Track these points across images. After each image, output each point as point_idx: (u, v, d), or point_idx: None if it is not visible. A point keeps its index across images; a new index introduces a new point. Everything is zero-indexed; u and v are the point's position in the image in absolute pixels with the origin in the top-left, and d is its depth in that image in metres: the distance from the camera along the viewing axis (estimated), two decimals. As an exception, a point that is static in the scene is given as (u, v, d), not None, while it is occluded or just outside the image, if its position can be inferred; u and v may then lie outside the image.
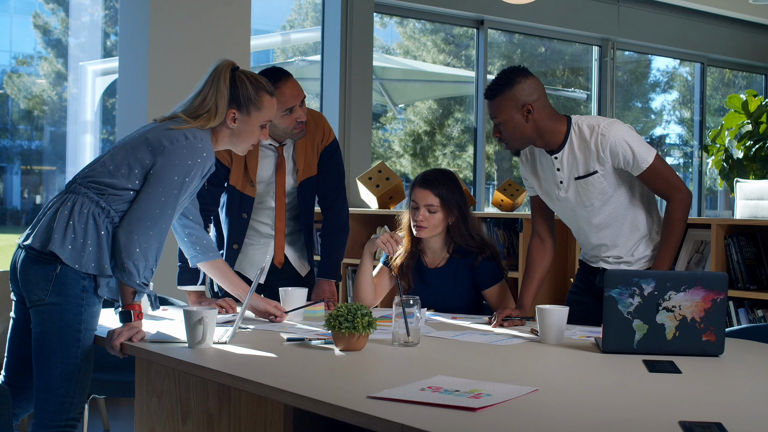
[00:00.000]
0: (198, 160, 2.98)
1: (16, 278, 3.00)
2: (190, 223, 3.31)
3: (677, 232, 3.37)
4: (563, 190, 3.46)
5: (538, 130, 3.37)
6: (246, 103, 3.11)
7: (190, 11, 5.72)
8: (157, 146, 2.97)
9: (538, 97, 3.34)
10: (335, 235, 3.91)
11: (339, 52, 7.16)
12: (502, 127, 3.38)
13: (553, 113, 3.39)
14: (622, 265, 3.49)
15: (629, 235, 3.46)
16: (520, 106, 3.32)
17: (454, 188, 3.72)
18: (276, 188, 3.80)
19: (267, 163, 3.79)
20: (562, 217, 3.60)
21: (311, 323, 3.38)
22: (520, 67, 3.40)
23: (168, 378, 2.94)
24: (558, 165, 3.43)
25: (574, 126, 3.39)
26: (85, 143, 7.22)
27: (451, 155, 9.41)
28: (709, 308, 2.74)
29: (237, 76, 3.12)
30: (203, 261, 3.34)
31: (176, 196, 2.96)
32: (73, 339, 2.92)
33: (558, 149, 3.41)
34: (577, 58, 9.96)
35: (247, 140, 3.17)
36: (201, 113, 3.06)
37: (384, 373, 2.57)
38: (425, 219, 3.70)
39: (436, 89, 9.75)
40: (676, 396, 2.26)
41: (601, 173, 3.36)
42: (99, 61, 7.33)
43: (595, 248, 3.55)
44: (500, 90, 3.34)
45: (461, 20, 8.31)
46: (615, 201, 3.42)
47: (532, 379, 2.45)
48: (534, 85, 3.35)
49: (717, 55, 9.98)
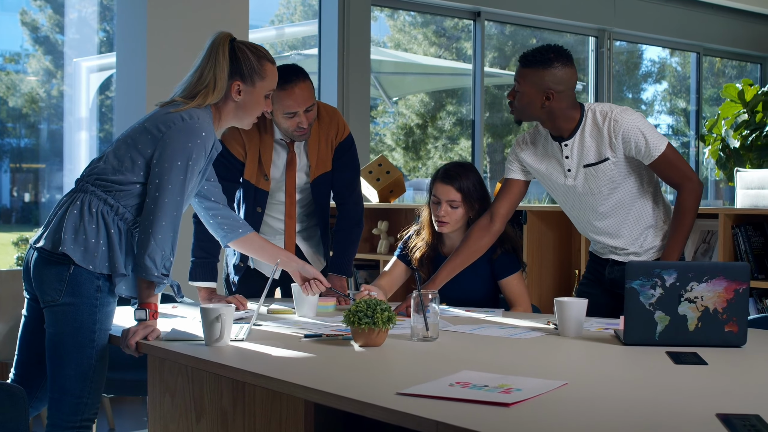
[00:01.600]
0: (197, 141, 2.91)
1: (29, 278, 2.96)
2: (213, 205, 3.25)
3: (688, 221, 3.34)
4: (570, 177, 3.42)
5: (550, 115, 3.35)
6: (250, 73, 3.04)
7: (188, 5, 5.67)
8: (156, 133, 2.92)
9: (564, 89, 3.31)
10: (349, 231, 3.87)
11: (336, 45, 7.12)
12: (518, 94, 3.37)
13: (573, 103, 3.37)
14: (631, 256, 3.47)
15: (633, 225, 3.44)
16: (542, 89, 3.30)
17: (475, 181, 3.70)
18: (286, 183, 3.76)
19: (279, 158, 3.76)
20: (564, 205, 3.57)
21: (324, 318, 3.35)
22: (565, 51, 3.35)
23: (181, 376, 2.90)
24: (567, 153, 3.40)
25: (587, 113, 3.37)
26: (81, 140, 7.17)
27: (443, 148, 9.39)
28: (731, 299, 2.72)
29: (237, 47, 3.04)
30: (234, 239, 3.30)
31: (182, 182, 2.90)
32: (87, 339, 2.87)
33: (568, 137, 3.38)
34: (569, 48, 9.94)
35: (252, 112, 3.09)
36: (199, 90, 2.99)
37: (407, 368, 2.54)
38: (447, 215, 3.68)
39: (431, 82, 9.73)
40: (706, 388, 2.23)
41: (612, 160, 3.33)
42: (94, 57, 7.28)
43: (599, 237, 3.52)
44: (534, 64, 3.31)
45: (458, 12, 8.28)
46: (623, 189, 3.39)
47: (558, 372, 2.42)
48: (567, 75, 3.32)
49: (713, 44, 9.98)
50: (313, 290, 3.38)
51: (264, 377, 2.36)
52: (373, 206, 6.17)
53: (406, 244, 3.86)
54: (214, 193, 3.26)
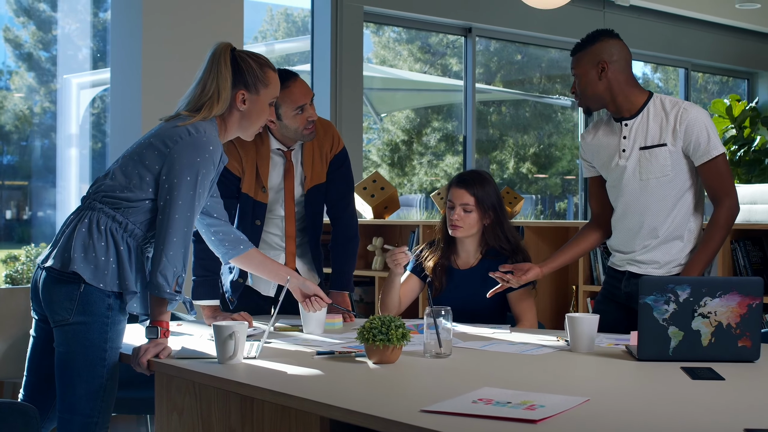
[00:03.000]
0: (206, 155, 2.90)
1: (38, 298, 2.94)
2: (215, 221, 3.23)
3: (718, 238, 3.35)
4: (624, 158, 3.45)
5: (612, 92, 3.42)
6: (254, 82, 3.03)
7: (182, 20, 5.67)
8: (163, 148, 2.90)
9: (618, 59, 3.41)
10: (345, 246, 3.86)
11: (329, 61, 7.13)
12: (577, 81, 3.46)
13: (631, 80, 3.45)
14: (651, 267, 3.45)
15: (668, 227, 3.41)
16: (596, 62, 3.40)
17: (489, 189, 3.73)
18: (285, 194, 3.75)
19: (275, 169, 3.75)
20: (613, 190, 3.56)
21: (332, 335, 3.34)
22: (609, 29, 3.49)
23: (189, 394, 2.88)
24: (626, 132, 3.44)
25: (655, 99, 3.44)
26: (71, 157, 7.14)
27: (428, 164, 9.40)
28: (744, 314, 2.72)
29: (238, 56, 3.04)
30: (235, 256, 3.27)
31: (192, 197, 2.88)
32: (98, 358, 2.85)
33: (630, 117, 3.43)
34: (554, 64, 9.99)
35: (257, 121, 3.08)
36: (203, 102, 2.98)
37: (426, 385, 2.53)
38: (461, 218, 3.69)
39: (419, 98, 9.74)
40: (729, 403, 2.24)
41: (669, 148, 3.35)
42: (84, 73, 7.25)
43: (630, 235, 3.49)
44: (582, 46, 3.46)
45: (449, 28, 8.32)
46: (672, 187, 3.38)
47: (576, 389, 2.41)
48: (617, 47, 3.43)
49: (701, 60, 10.05)
50: (314, 307, 3.37)
51: (284, 395, 2.35)
52: (368, 222, 6.17)
53: (419, 257, 3.86)
54: (216, 209, 3.24)
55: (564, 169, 10.03)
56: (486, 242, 3.74)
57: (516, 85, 9.81)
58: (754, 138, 8.91)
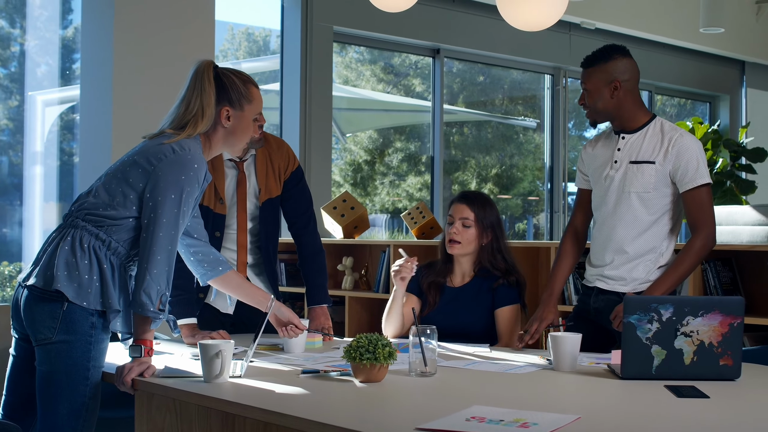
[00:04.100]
0: (190, 173, 2.89)
1: (19, 316, 2.90)
2: (194, 241, 3.20)
3: (687, 263, 3.40)
4: (614, 169, 3.52)
5: (620, 109, 3.50)
6: (238, 98, 3.02)
7: (154, 37, 5.66)
8: (147, 166, 2.89)
9: (629, 78, 3.49)
10: (314, 259, 3.90)
11: (299, 81, 7.14)
12: (587, 95, 3.53)
13: (639, 100, 3.54)
14: (618, 283, 3.50)
15: (638, 245, 3.47)
16: (609, 81, 3.47)
17: (490, 210, 3.79)
18: (238, 204, 3.76)
19: (230, 179, 3.76)
20: (597, 202, 3.62)
21: (313, 354, 3.34)
22: (621, 45, 3.55)
23: (169, 413, 2.85)
24: (621, 145, 3.52)
25: (656, 121, 3.52)
26: (35, 174, 7.08)
27: (390, 185, 9.41)
28: (726, 332, 2.76)
29: (221, 73, 3.03)
30: (213, 277, 3.25)
31: (176, 215, 2.87)
32: (81, 377, 2.83)
33: (629, 132, 3.51)
34: (516, 86, 10.06)
35: (243, 137, 3.07)
36: (187, 120, 2.97)
37: (416, 403, 2.53)
38: (459, 233, 3.74)
39: (386, 118, 9.77)
40: (717, 421, 2.27)
41: (657, 166, 3.42)
42: (50, 90, 7.20)
43: (603, 245, 3.56)
44: (597, 61, 3.50)
45: (418, 49, 8.37)
46: (650, 205, 3.45)
47: (565, 407, 2.43)
48: (629, 66, 3.50)
49: (665, 83, 10.18)
50: (289, 335, 3.37)
51: (276, 414, 2.34)
52: (338, 242, 6.17)
53: (418, 274, 3.86)
54: (196, 230, 3.22)
55: (525, 190, 10.09)
56: (480, 261, 3.77)
57: (478, 106, 9.87)
58: (717, 160, 9.02)
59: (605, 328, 3.54)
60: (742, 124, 10.49)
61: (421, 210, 6.06)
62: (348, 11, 7.52)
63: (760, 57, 10.67)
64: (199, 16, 5.85)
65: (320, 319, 3.77)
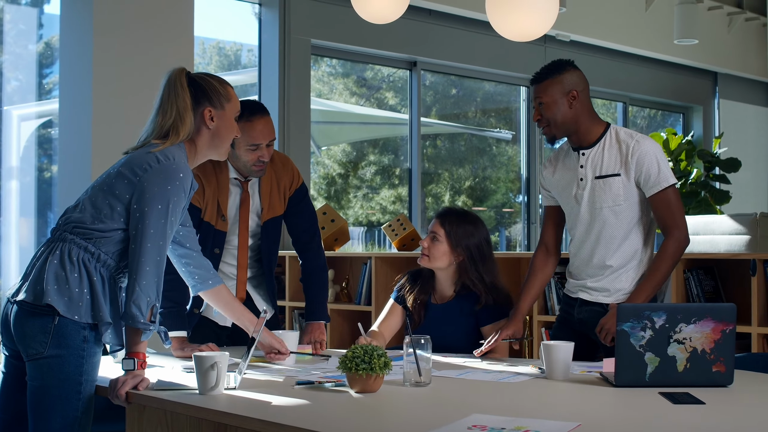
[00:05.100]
0: (176, 182, 2.86)
1: (9, 333, 2.87)
2: (187, 252, 3.18)
3: (664, 268, 3.42)
4: (581, 188, 3.52)
5: (578, 121, 3.49)
6: (217, 97, 3.00)
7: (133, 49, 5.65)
8: (132, 177, 2.87)
9: (583, 89, 3.49)
10: (317, 276, 3.89)
11: (277, 94, 7.14)
12: (544, 109, 3.49)
13: (592, 112, 3.54)
14: (601, 295, 3.52)
15: (618, 257, 3.49)
16: (566, 91, 3.46)
17: (468, 229, 3.72)
18: (239, 223, 3.75)
19: (233, 197, 3.75)
20: (570, 219, 3.63)
21: (304, 366, 3.33)
22: (570, 60, 3.56)
23: (161, 426, 2.83)
24: (582, 162, 3.51)
25: (612, 130, 3.51)
26: (11, 189, 7.03)
27: (363, 198, 9.42)
28: (718, 339, 2.78)
29: (196, 77, 3.02)
30: (203, 290, 3.23)
31: (164, 225, 2.84)
32: (73, 391, 2.80)
33: (588, 147, 3.50)
34: (489, 98, 10.09)
35: (227, 137, 3.05)
36: (168, 127, 2.94)
37: (415, 413, 2.53)
38: (428, 246, 3.72)
39: (358, 131, 9.77)
40: (714, 426, 2.30)
41: (622, 178, 3.43)
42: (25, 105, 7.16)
43: (584, 263, 3.57)
44: (549, 74, 3.50)
45: (394, 62, 8.39)
46: (623, 216, 3.46)
47: (563, 414, 2.44)
48: (581, 77, 3.51)
49: (639, 94, 10.26)
50: (273, 359, 3.36)
51: (275, 425, 2.33)
52: (319, 254, 6.15)
53: (402, 287, 3.86)
54: (189, 240, 3.19)
55: (499, 202, 10.13)
56: (461, 279, 3.75)
57: (452, 118, 9.90)
58: (691, 171, 9.11)
59: (590, 337, 3.56)
60: (715, 135, 10.59)
61: (402, 222, 6.07)
62: (325, 24, 7.53)
63: (732, 68, 10.79)
64: (179, 32, 5.83)
65: (315, 333, 3.76)
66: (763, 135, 11.73)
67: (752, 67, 10.96)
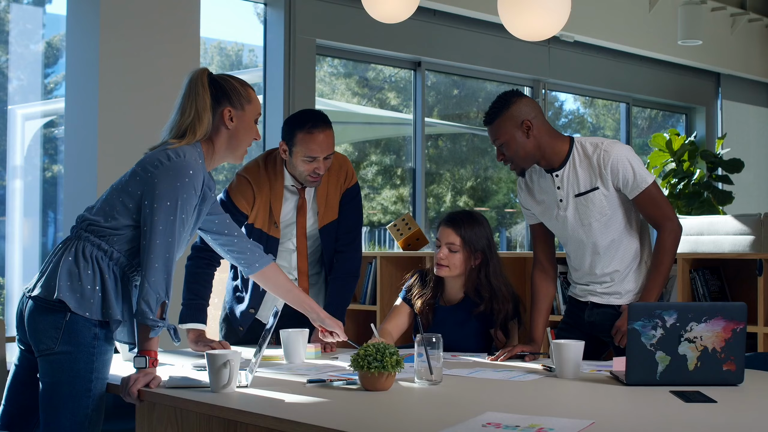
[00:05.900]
0: (185, 179, 2.87)
1: (23, 327, 2.89)
2: (228, 239, 3.23)
3: (667, 261, 3.43)
4: (562, 208, 3.49)
5: (541, 147, 3.43)
6: (237, 98, 3.03)
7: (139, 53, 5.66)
8: (143, 174, 2.89)
9: (536, 115, 3.41)
10: (344, 281, 3.86)
11: (282, 94, 7.15)
12: (504, 148, 3.43)
13: (552, 131, 3.47)
14: (613, 297, 3.53)
15: (621, 263, 3.50)
16: (519, 123, 3.39)
17: (480, 231, 3.71)
18: (297, 229, 3.77)
19: (289, 204, 3.76)
20: (560, 237, 3.62)
21: (314, 364, 3.33)
22: (514, 90, 3.49)
23: (171, 424, 2.84)
24: (558, 183, 3.47)
25: (577, 145, 3.46)
26: (15, 189, 7.04)
27: (365, 198, 9.42)
28: (729, 338, 2.79)
29: (218, 78, 3.05)
30: (251, 274, 3.33)
31: (173, 222, 2.85)
32: (84, 389, 2.81)
33: (559, 167, 3.46)
34: (491, 98, 10.07)
35: (245, 138, 3.07)
36: (185, 127, 2.97)
37: (428, 411, 2.53)
38: (446, 258, 3.68)
39: (361, 131, 9.77)
40: (726, 425, 2.30)
41: (602, 190, 3.41)
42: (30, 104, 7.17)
43: (587, 274, 3.58)
44: (498, 112, 3.41)
45: (399, 62, 8.39)
46: (613, 224, 3.46)
47: (575, 412, 2.44)
48: (530, 104, 3.43)
49: (642, 95, 10.26)
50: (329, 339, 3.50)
51: (286, 421, 2.33)
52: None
53: (411, 288, 3.85)
54: (225, 226, 3.24)
55: (500, 203, 10.13)
56: (471, 282, 3.74)
57: (453, 118, 9.90)
58: (693, 171, 9.11)
59: (596, 337, 3.57)
60: (718, 136, 10.59)
61: (407, 222, 6.06)
62: (331, 24, 7.54)
63: (735, 69, 10.78)
64: (185, 31, 5.84)
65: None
66: (765, 136, 11.73)
67: (755, 68, 10.97)
